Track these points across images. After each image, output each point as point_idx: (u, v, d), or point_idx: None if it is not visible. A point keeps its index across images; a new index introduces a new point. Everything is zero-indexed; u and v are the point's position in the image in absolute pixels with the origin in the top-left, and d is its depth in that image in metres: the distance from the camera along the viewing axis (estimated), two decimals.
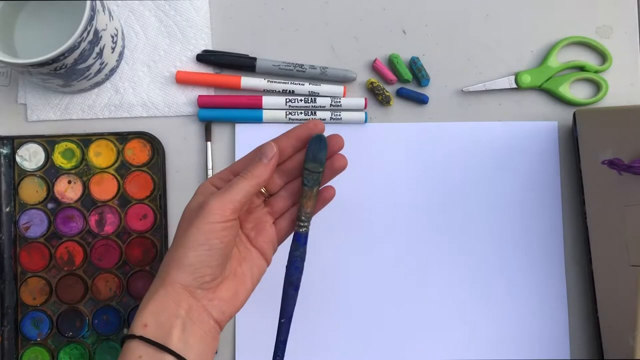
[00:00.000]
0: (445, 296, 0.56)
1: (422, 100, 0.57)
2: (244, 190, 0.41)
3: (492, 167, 0.57)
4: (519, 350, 0.55)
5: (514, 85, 0.57)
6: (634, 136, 0.52)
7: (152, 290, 0.40)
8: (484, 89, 0.57)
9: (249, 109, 0.56)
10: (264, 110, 0.56)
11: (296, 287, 0.45)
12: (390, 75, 0.57)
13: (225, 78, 0.57)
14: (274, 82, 0.56)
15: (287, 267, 0.46)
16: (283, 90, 0.56)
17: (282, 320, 0.45)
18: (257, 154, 0.43)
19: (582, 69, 0.58)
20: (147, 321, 0.39)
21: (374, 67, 0.57)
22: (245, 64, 0.56)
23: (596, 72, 0.57)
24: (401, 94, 0.57)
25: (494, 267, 0.56)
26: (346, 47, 0.58)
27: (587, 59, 0.58)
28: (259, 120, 0.56)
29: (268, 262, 0.45)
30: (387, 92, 0.57)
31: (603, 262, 0.52)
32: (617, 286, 0.51)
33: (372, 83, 0.57)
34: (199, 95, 0.57)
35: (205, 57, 0.57)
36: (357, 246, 0.56)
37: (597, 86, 0.58)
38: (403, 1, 0.59)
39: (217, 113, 0.56)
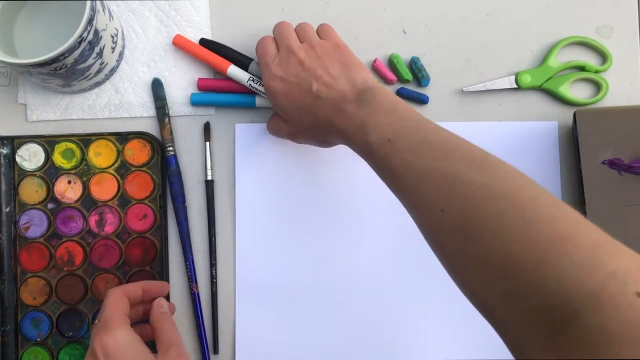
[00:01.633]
0: (445, 296, 0.56)
1: (422, 100, 0.57)
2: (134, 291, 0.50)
3: None
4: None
5: (514, 85, 0.57)
6: (634, 136, 0.52)
7: None
8: (484, 89, 0.57)
9: (245, 94, 0.56)
10: (257, 97, 0.56)
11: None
12: (390, 75, 0.57)
13: (216, 58, 0.56)
14: (258, 80, 0.55)
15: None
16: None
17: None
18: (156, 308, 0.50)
19: (582, 69, 0.57)
20: None
21: (374, 67, 0.57)
22: (240, 61, 0.56)
23: (596, 72, 0.57)
24: (401, 94, 0.57)
25: None
26: None
27: (588, 59, 0.58)
28: (252, 105, 0.56)
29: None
30: None
31: None
32: None
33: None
34: (199, 78, 0.57)
35: (206, 44, 0.57)
36: (356, 246, 0.56)
37: (597, 86, 0.58)
38: (403, 1, 0.59)
39: (211, 97, 0.57)
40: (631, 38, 0.58)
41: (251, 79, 0.54)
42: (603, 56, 0.58)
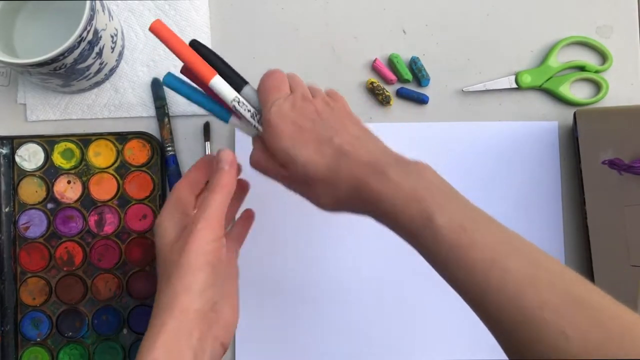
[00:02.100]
0: (445, 296, 0.56)
1: (422, 100, 0.57)
2: (221, 203, 0.41)
3: (492, 167, 0.57)
4: None
5: (514, 85, 0.57)
6: (634, 136, 0.52)
7: (157, 321, 0.38)
8: (484, 89, 0.57)
9: (222, 106, 0.47)
10: (232, 116, 0.47)
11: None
12: (390, 75, 0.57)
13: (200, 61, 0.45)
14: (244, 104, 0.46)
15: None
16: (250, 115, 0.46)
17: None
18: (215, 163, 0.43)
19: (582, 69, 0.57)
20: (157, 356, 0.37)
21: (374, 67, 0.57)
22: (232, 79, 0.46)
23: (596, 72, 0.57)
24: (401, 94, 0.57)
25: None
26: (346, 47, 0.58)
27: (588, 58, 0.58)
28: (224, 120, 0.47)
29: (237, 268, 0.46)
30: (387, 92, 0.57)
31: (603, 262, 0.52)
32: (617, 286, 0.51)
33: (372, 83, 0.57)
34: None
35: (197, 47, 0.46)
36: (357, 246, 0.56)
37: (597, 86, 0.58)
38: (403, 1, 0.59)
39: (186, 88, 0.46)
40: (631, 38, 0.58)
41: (237, 99, 0.45)
42: (603, 56, 0.58)
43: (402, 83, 0.58)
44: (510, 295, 0.34)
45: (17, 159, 0.56)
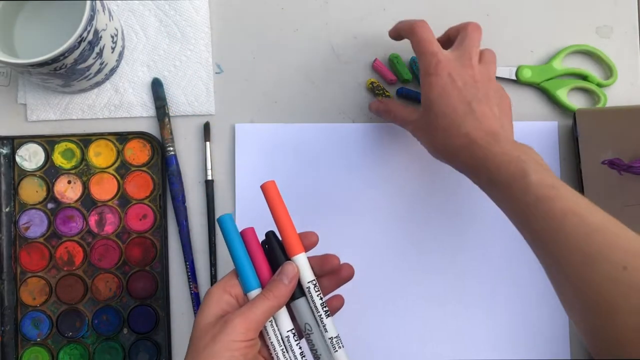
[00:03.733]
0: (444, 296, 0.56)
1: None
2: (267, 311, 0.41)
3: None
4: (519, 350, 0.55)
5: (514, 77, 0.57)
6: (634, 136, 0.52)
7: None
8: None
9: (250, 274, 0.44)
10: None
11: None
12: (390, 75, 0.57)
13: (293, 232, 0.44)
14: (319, 290, 0.44)
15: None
16: (321, 304, 0.44)
17: None
18: (278, 273, 0.43)
19: (584, 78, 0.57)
20: None
21: (374, 67, 0.57)
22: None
23: (598, 84, 0.57)
24: (401, 94, 0.57)
25: (493, 267, 0.56)
26: (346, 47, 0.58)
27: (593, 69, 0.58)
28: (247, 287, 0.43)
29: None
30: (387, 92, 0.57)
31: None
32: None
33: (372, 83, 0.57)
34: (250, 228, 0.45)
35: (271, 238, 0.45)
36: (357, 245, 0.56)
37: (595, 98, 0.57)
38: (403, 1, 0.59)
39: (234, 236, 0.45)
40: (631, 38, 0.58)
41: (314, 282, 0.44)
42: (609, 70, 0.58)
43: (402, 83, 0.58)
44: (580, 238, 0.38)
45: (17, 159, 0.56)
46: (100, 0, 0.51)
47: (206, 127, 0.57)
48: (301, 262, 0.44)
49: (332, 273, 0.46)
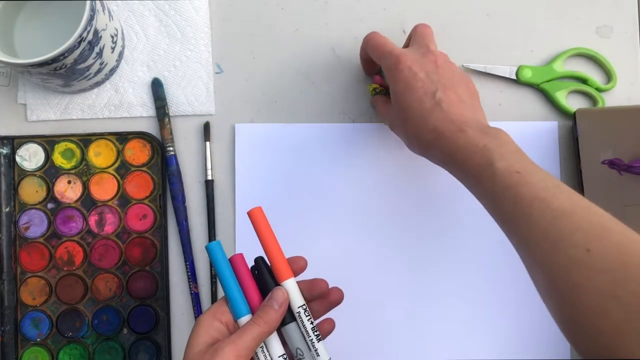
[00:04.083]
0: (445, 296, 0.56)
1: None
2: (257, 337, 0.41)
3: None
4: (519, 350, 0.55)
5: (514, 77, 0.57)
6: (634, 136, 0.52)
7: None
8: (484, 71, 0.57)
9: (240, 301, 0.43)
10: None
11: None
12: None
13: (282, 258, 0.44)
14: (309, 315, 0.44)
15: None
16: (312, 327, 0.44)
17: None
18: (268, 299, 0.43)
19: (584, 81, 0.57)
20: None
21: (375, 81, 0.56)
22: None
23: (597, 89, 0.57)
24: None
25: (493, 267, 0.56)
26: (346, 47, 0.58)
27: (593, 73, 0.58)
28: (237, 314, 0.43)
29: None
30: (389, 97, 0.56)
31: None
32: None
33: (374, 89, 0.55)
34: (237, 255, 0.44)
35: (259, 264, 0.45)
36: (357, 245, 0.56)
37: (593, 102, 0.57)
38: (403, 1, 0.59)
39: (223, 263, 0.44)
40: (631, 38, 0.58)
41: (304, 307, 0.44)
42: (609, 75, 0.58)
43: None
44: (546, 222, 0.38)
45: (17, 159, 0.56)
46: (100, 0, 0.51)
47: (206, 127, 0.57)
48: (290, 287, 0.43)
49: (322, 297, 0.46)
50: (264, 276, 0.44)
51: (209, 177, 0.56)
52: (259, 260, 0.45)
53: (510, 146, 0.43)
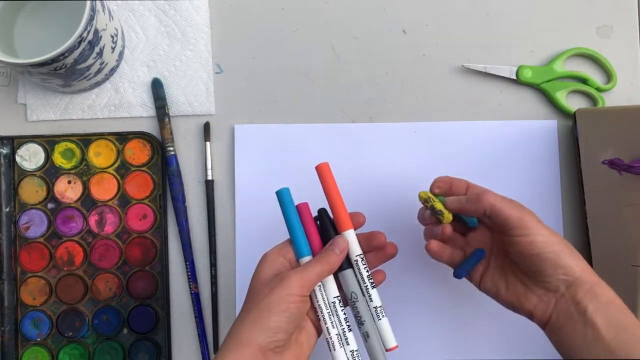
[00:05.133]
0: (445, 296, 0.56)
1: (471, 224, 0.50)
2: (319, 273, 0.45)
3: (491, 167, 0.57)
4: (519, 350, 0.55)
5: (514, 77, 0.57)
6: (634, 136, 0.52)
7: (223, 349, 0.42)
8: (484, 71, 0.57)
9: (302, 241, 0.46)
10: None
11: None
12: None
13: (344, 209, 0.47)
14: (365, 264, 0.47)
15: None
16: (367, 275, 0.47)
17: None
18: (330, 244, 0.46)
19: (584, 81, 0.57)
20: None
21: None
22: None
23: (597, 89, 0.57)
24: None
25: None
26: (346, 47, 0.58)
27: (592, 73, 0.58)
28: (300, 253, 0.46)
29: (318, 332, 0.47)
30: (444, 212, 0.48)
31: (603, 262, 0.52)
32: (617, 286, 0.51)
33: (426, 200, 0.49)
34: (303, 203, 0.47)
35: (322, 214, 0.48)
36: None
37: (593, 102, 0.57)
38: (403, 1, 0.59)
39: (292, 207, 0.47)
40: (631, 38, 0.58)
41: (362, 256, 0.47)
42: (608, 75, 0.58)
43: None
44: None
45: (17, 159, 0.56)
46: (100, 0, 0.51)
47: (206, 127, 0.57)
48: (350, 237, 0.47)
49: (378, 249, 0.49)
50: (327, 225, 0.47)
51: (209, 177, 0.56)
52: (322, 211, 0.48)
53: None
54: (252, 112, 0.58)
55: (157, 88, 0.57)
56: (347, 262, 0.47)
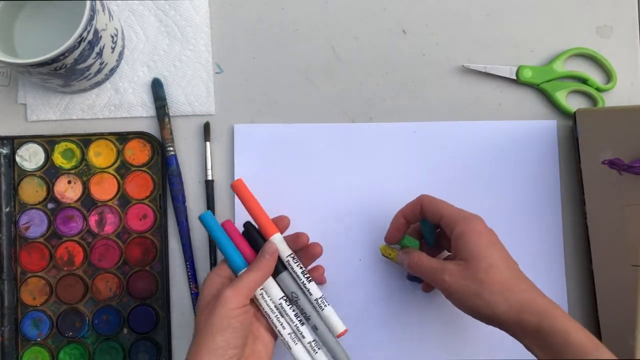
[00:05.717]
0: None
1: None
2: (254, 281, 0.46)
3: (491, 167, 0.57)
4: (519, 350, 0.55)
5: (513, 77, 0.57)
6: (634, 136, 0.52)
7: None
8: (484, 71, 0.57)
9: (235, 254, 0.48)
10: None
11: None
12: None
13: (266, 218, 0.50)
14: (298, 261, 0.49)
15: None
16: (302, 272, 0.49)
17: None
18: (260, 252, 0.48)
19: (584, 81, 0.57)
20: None
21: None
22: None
23: (597, 89, 0.57)
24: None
25: None
26: (346, 47, 0.58)
27: (592, 73, 0.58)
28: (236, 268, 0.48)
29: (275, 337, 0.49)
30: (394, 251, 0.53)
31: (603, 262, 0.52)
32: (617, 286, 0.51)
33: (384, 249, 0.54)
34: (228, 221, 0.49)
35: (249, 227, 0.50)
36: (356, 246, 0.56)
37: (593, 102, 0.57)
38: (403, 1, 0.59)
39: (218, 229, 0.49)
40: (631, 38, 0.58)
41: (292, 255, 0.49)
42: (608, 75, 0.58)
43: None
44: None
45: (17, 159, 0.56)
46: (100, 0, 0.51)
47: (206, 127, 0.57)
48: (277, 240, 0.49)
49: (304, 249, 0.51)
50: (254, 236, 0.50)
51: (209, 177, 0.56)
52: (247, 224, 0.50)
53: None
54: (252, 112, 0.58)
55: (157, 88, 0.57)
56: (282, 265, 0.49)
